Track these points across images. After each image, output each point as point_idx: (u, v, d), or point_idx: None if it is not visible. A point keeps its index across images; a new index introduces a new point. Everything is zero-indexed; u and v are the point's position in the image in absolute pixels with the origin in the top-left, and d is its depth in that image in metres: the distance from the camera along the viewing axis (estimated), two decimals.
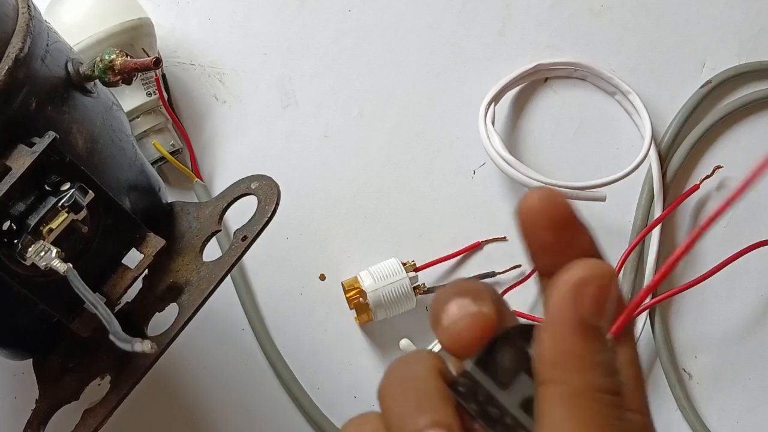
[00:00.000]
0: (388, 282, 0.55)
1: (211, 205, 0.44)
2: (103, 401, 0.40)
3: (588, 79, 0.62)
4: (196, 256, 0.43)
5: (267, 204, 0.42)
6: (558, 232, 0.28)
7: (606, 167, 0.61)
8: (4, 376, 0.53)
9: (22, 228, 0.35)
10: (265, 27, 0.60)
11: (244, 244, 0.41)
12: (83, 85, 0.40)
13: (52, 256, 0.35)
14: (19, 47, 0.36)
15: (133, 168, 0.44)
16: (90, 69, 0.39)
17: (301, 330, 0.57)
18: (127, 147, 0.44)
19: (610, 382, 0.25)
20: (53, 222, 0.36)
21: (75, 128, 0.39)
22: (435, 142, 0.60)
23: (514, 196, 0.60)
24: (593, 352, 0.25)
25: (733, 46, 0.64)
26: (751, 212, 0.62)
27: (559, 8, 0.63)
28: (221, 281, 0.42)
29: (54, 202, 0.36)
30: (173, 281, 0.43)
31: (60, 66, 0.39)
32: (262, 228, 0.42)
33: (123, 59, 0.39)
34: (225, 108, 0.59)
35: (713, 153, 0.62)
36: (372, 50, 0.61)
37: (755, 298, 0.61)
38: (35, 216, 0.35)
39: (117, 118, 0.43)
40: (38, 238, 0.35)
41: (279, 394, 0.56)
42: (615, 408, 0.25)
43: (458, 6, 0.62)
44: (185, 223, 0.45)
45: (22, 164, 0.35)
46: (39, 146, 0.36)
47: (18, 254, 0.35)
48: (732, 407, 0.60)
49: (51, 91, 0.38)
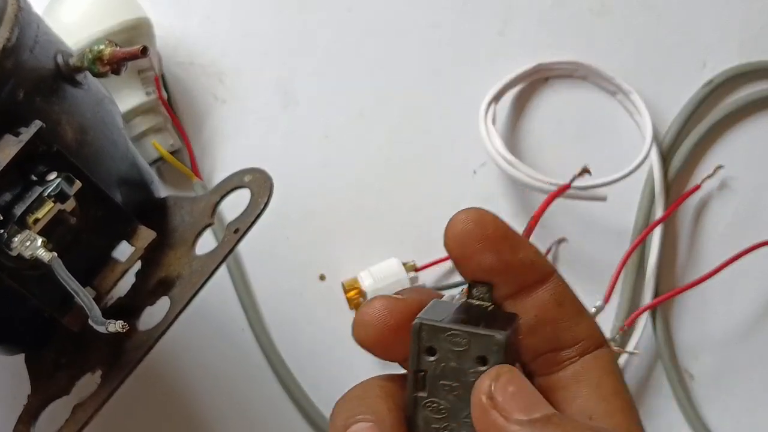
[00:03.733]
0: (388, 282, 0.55)
1: (205, 198, 0.44)
2: (93, 396, 0.40)
3: (589, 79, 0.62)
4: (188, 250, 0.43)
5: (260, 197, 0.42)
6: (495, 250, 0.27)
7: (607, 167, 0.60)
8: (3, 376, 0.53)
9: (8, 218, 0.35)
10: (265, 26, 0.60)
11: (236, 237, 0.41)
12: (73, 77, 0.40)
13: (37, 245, 0.35)
14: (6, 37, 0.36)
15: (125, 161, 0.44)
16: (79, 60, 0.39)
17: (301, 330, 0.57)
18: (119, 140, 0.44)
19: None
20: (39, 212, 0.36)
21: (64, 119, 0.39)
22: (435, 141, 0.60)
23: (515, 196, 0.60)
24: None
25: (734, 45, 0.63)
26: (752, 213, 0.62)
27: (559, 8, 0.63)
28: (213, 274, 0.41)
29: (40, 191, 0.36)
30: (165, 275, 0.43)
31: (49, 57, 0.39)
32: (254, 220, 0.42)
33: (111, 49, 0.39)
34: (225, 108, 0.59)
35: (714, 152, 0.62)
36: (372, 50, 0.61)
37: (756, 299, 0.61)
38: (21, 206, 0.35)
39: (109, 112, 0.43)
40: (24, 228, 0.35)
41: (279, 394, 0.56)
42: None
43: (458, 6, 0.62)
44: (178, 217, 0.45)
45: (7, 154, 0.35)
46: (25, 135, 0.36)
47: (4, 244, 0.35)
48: (733, 407, 0.60)
49: (39, 82, 0.38)
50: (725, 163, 0.61)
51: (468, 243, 0.27)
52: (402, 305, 0.28)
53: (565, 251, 0.59)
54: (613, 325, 0.59)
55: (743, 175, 0.62)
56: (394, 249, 0.58)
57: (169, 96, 0.57)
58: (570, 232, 0.59)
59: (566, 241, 0.59)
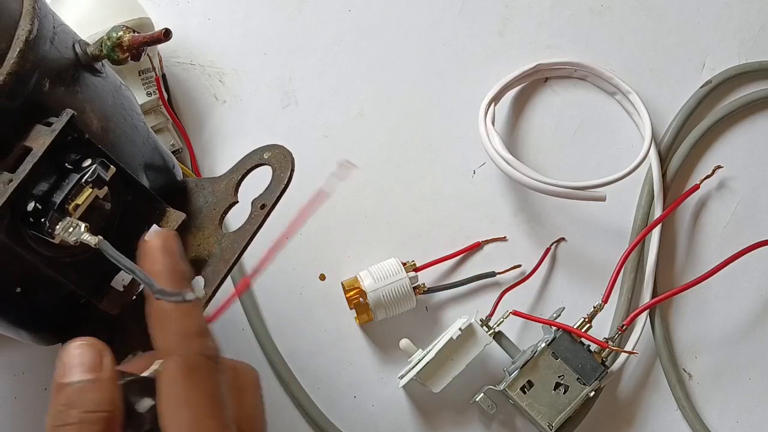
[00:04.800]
0: (388, 282, 0.55)
1: (226, 178, 0.45)
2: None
3: (588, 79, 0.62)
4: (216, 229, 0.43)
5: (282, 171, 0.42)
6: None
7: (606, 167, 0.61)
8: (4, 376, 0.53)
9: (47, 207, 0.35)
10: (265, 27, 0.60)
11: (264, 212, 0.42)
12: (92, 66, 0.40)
13: (81, 231, 0.35)
14: (29, 29, 0.36)
15: (146, 145, 0.45)
16: (98, 49, 0.40)
17: (301, 330, 0.57)
18: (139, 125, 0.44)
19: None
20: (78, 198, 0.36)
21: (88, 107, 0.40)
22: (435, 142, 0.60)
23: (514, 196, 0.60)
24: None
25: (733, 45, 0.64)
26: (751, 212, 0.62)
27: (559, 8, 0.63)
28: (245, 249, 0.42)
29: (78, 178, 0.36)
30: (195, 255, 0.43)
31: (68, 47, 0.39)
32: (280, 194, 0.42)
33: (131, 35, 0.39)
34: (225, 108, 0.59)
35: (713, 153, 0.62)
36: (372, 50, 0.61)
37: (755, 298, 0.61)
38: (60, 193, 0.36)
39: (127, 98, 0.44)
40: (65, 215, 0.35)
41: (279, 394, 0.56)
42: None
43: (458, 6, 0.62)
44: (201, 198, 0.45)
45: (42, 143, 0.35)
46: (57, 124, 0.36)
47: (46, 232, 0.35)
48: (732, 407, 0.60)
49: (62, 72, 0.38)
50: (724, 163, 0.61)
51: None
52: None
53: (565, 251, 0.60)
54: (612, 324, 0.59)
55: (742, 175, 0.62)
56: (394, 249, 0.58)
57: (169, 96, 0.57)
58: (569, 232, 0.60)
59: (565, 241, 0.60)
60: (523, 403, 0.53)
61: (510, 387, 0.54)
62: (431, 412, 0.57)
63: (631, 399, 0.59)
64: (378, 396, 0.57)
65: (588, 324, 0.55)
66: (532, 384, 0.54)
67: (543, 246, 0.59)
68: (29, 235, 0.36)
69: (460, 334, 0.53)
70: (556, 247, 0.60)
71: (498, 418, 0.57)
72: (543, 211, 0.60)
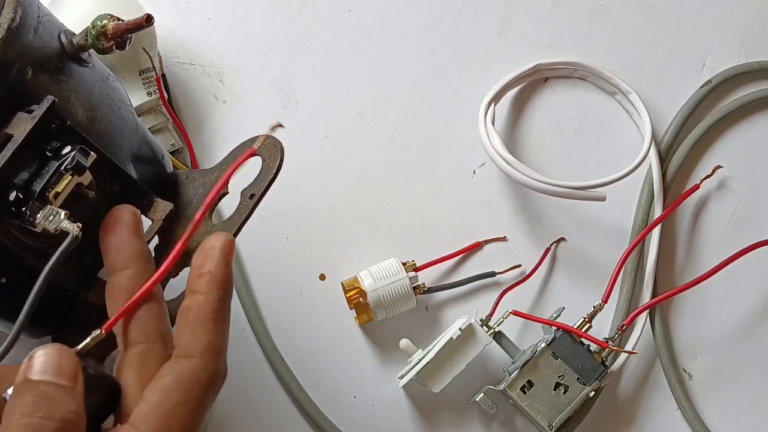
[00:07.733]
0: (388, 282, 0.55)
1: (216, 170, 0.45)
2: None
3: (588, 79, 0.62)
4: (205, 220, 0.43)
5: (271, 161, 0.42)
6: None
7: (606, 167, 0.61)
8: None
9: (28, 195, 0.35)
10: (265, 27, 0.60)
11: (252, 202, 0.41)
12: (78, 55, 0.40)
13: (61, 218, 0.35)
14: (11, 17, 0.36)
15: (135, 136, 0.44)
16: (83, 38, 0.39)
17: (301, 330, 0.57)
18: (126, 116, 0.44)
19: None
20: (58, 185, 0.36)
21: (74, 97, 0.39)
22: (435, 142, 0.60)
23: (514, 196, 0.60)
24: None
25: (733, 45, 0.64)
26: (751, 212, 0.62)
27: (559, 8, 0.63)
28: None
29: (57, 165, 0.36)
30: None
31: (53, 37, 0.39)
32: (268, 184, 0.42)
33: (114, 23, 0.39)
34: (225, 108, 0.59)
35: (713, 152, 0.62)
36: (372, 50, 0.61)
37: (755, 298, 0.61)
38: (40, 181, 0.35)
39: (115, 89, 0.44)
40: (45, 204, 0.35)
41: (279, 394, 0.56)
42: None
43: (458, 6, 0.62)
44: (191, 190, 0.45)
45: (23, 130, 0.35)
46: (38, 111, 0.36)
47: (27, 221, 0.35)
48: (732, 407, 0.60)
49: (46, 62, 0.38)
50: (724, 163, 0.61)
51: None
52: None
53: (565, 251, 0.60)
54: (612, 324, 0.59)
55: (742, 175, 0.62)
56: (394, 249, 0.58)
57: (169, 96, 0.57)
58: (569, 232, 0.60)
59: (565, 241, 0.60)
60: (523, 403, 0.53)
61: (510, 387, 0.54)
62: (431, 412, 0.57)
63: (631, 399, 0.59)
64: (378, 396, 0.57)
65: (588, 324, 0.55)
66: (532, 384, 0.54)
67: (543, 246, 0.59)
68: (13, 225, 0.36)
69: (460, 334, 0.53)
70: (556, 247, 0.60)
71: (498, 418, 0.57)
72: (543, 211, 0.60)
